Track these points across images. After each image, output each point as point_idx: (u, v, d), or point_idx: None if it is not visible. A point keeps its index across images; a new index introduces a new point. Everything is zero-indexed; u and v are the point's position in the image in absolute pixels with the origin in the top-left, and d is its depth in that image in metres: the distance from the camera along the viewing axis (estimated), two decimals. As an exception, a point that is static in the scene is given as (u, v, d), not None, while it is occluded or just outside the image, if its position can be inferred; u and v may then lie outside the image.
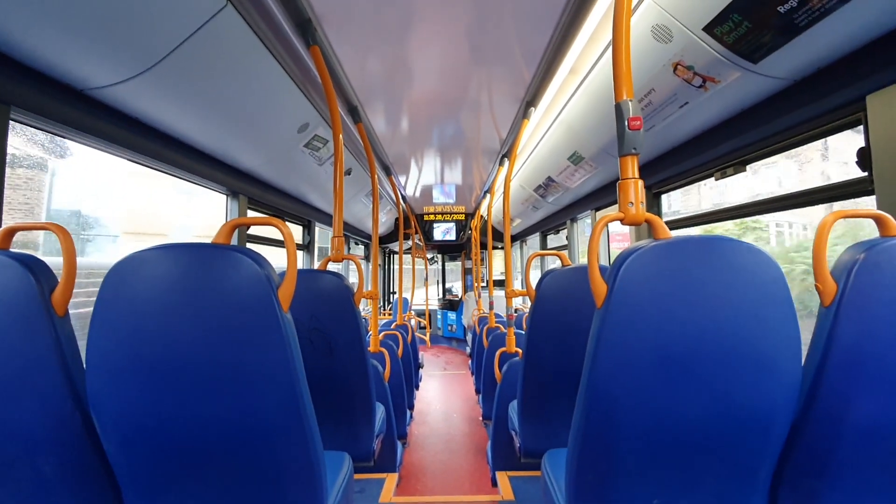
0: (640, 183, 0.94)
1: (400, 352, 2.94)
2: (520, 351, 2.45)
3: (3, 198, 1.18)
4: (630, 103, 0.94)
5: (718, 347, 0.79)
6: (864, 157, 1.29)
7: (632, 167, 0.94)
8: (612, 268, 0.82)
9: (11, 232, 0.91)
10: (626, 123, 0.93)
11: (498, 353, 2.68)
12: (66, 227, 0.90)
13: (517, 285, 6.83)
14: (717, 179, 1.97)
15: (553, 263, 5.39)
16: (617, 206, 0.96)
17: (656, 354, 0.80)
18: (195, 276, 0.82)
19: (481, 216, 5.76)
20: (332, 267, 1.77)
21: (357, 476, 2.04)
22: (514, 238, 6.32)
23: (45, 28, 1.10)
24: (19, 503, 0.91)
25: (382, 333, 3.05)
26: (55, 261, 0.90)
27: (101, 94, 1.39)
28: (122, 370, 0.83)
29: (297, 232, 3.72)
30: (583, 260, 3.91)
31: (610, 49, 1.52)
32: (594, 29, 1.72)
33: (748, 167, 1.82)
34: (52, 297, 0.87)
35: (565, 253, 1.92)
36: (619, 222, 0.94)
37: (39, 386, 0.87)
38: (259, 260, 0.84)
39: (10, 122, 1.21)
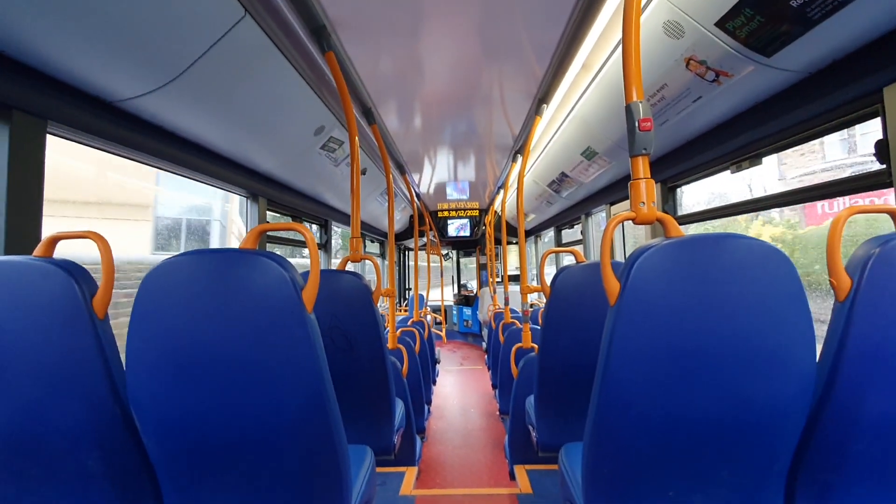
0: (652, 182, 0.95)
1: (417, 348, 2.99)
2: (536, 346, 2.48)
3: (43, 207, 1.25)
4: (640, 104, 0.95)
5: (731, 344, 0.81)
6: (882, 150, 1.27)
7: (643, 167, 0.96)
8: (625, 266, 0.84)
9: (54, 241, 0.97)
10: (637, 124, 0.94)
11: (514, 348, 2.70)
12: (104, 236, 0.96)
13: (532, 281, 6.83)
14: (732, 173, 1.96)
15: (568, 258, 5.38)
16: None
17: (669, 351, 0.81)
18: (225, 280, 0.87)
19: (495, 212, 5.77)
20: (350, 266, 1.82)
21: (378, 469, 2.09)
22: (528, 233, 6.31)
23: (76, 44, 1.16)
24: (66, 494, 0.97)
25: (400, 330, 3.09)
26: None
27: (129, 105, 1.45)
28: (158, 370, 0.88)
29: (314, 231, 3.79)
30: (598, 256, 3.90)
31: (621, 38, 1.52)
32: (606, 24, 1.72)
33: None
34: (93, 302, 0.92)
35: (580, 249, 1.93)
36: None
37: (83, 385, 0.93)
38: (284, 264, 0.88)
39: (47, 134, 1.28)
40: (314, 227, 3.75)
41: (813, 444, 0.89)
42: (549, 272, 6.10)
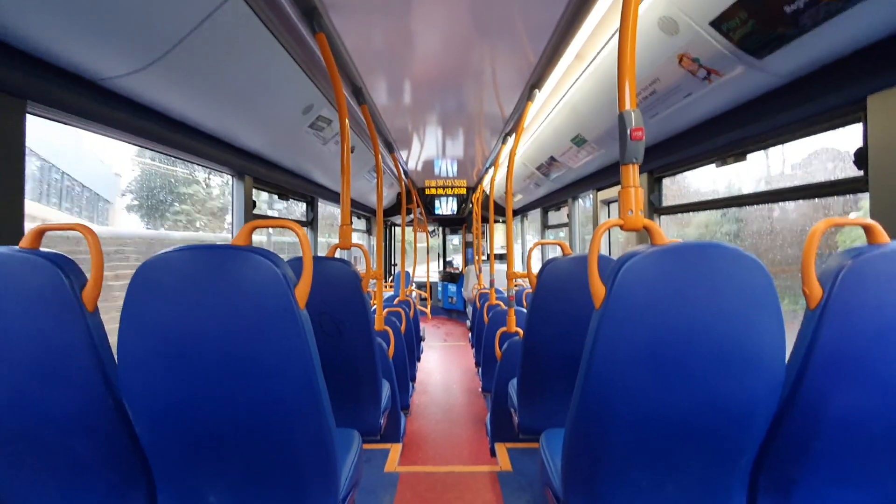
0: (641, 190, 0.98)
1: (403, 328, 3.03)
2: (520, 331, 2.53)
3: (25, 194, 1.21)
4: (633, 113, 0.96)
5: (708, 347, 0.85)
6: (860, 157, 1.32)
7: (633, 176, 0.98)
8: (611, 272, 0.87)
9: (41, 232, 0.95)
10: (629, 134, 0.96)
11: (498, 332, 2.76)
12: (92, 228, 0.95)
13: (517, 260, 6.90)
14: (717, 167, 1.99)
15: (555, 237, 5.44)
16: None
17: (650, 354, 0.86)
18: (217, 277, 0.87)
19: (483, 190, 5.77)
20: (338, 252, 1.82)
21: (364, 446, 2.16)
22: (515, 213, 6.34)
23: (58, 22, 1.11)
24: (60, 481, 1.00)
25: (386, 310, 3.12)
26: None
27: (114, 84, 1.40)
28: (150, 361, 0.90)
29: (300, 209, 3.75)
30: (583, 242, 3.96)
31: (617, 35, 1.52)
32: (602, 15, 1.70)
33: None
34: (82, 294, 0.92)
35: (565, 239, 1.97)
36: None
37: (74, 375, 0.93)
38: (276, 261, 0.89)
39: (27, 115, 1.24)
40: (303, 206, 3.71)
41: (777, 441, 0.96)
42: (535, 256, 6.16)
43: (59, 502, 1.01)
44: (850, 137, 1.41)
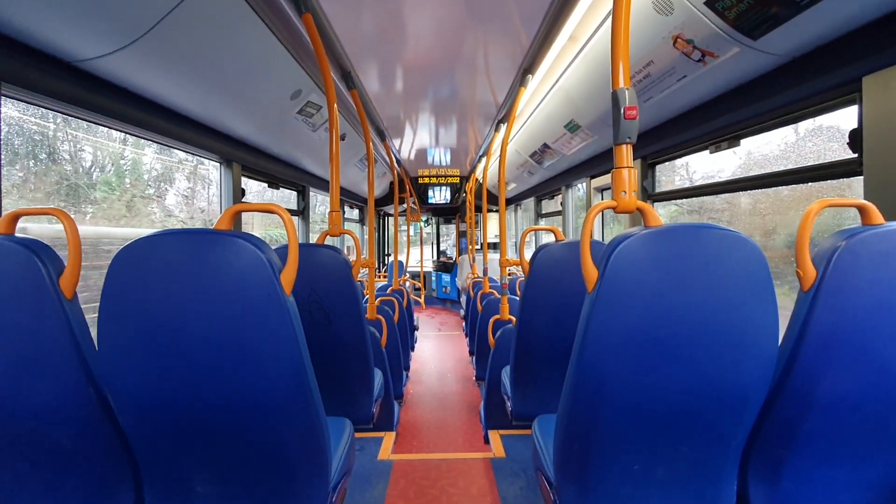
0: (634, 171, 0.96)
1: (396, 317, 3.01)
2: (513, 318, 2.53)
3: (1, 176, 1.18)
4: (627, 91, 0.94)
5: (701, 330, 0.84)
6: (855, 139, 1.30)
7: (626, 155, 0.96)
8: (603, 255, 0.85)
9: (16, 217, 0.92)
10: (623, 112, 0.93)
11: (492, 320, 2.75)
12: (68, 213, 0.92)
13: (510, 249, 6.89)
14: (711, 153, 1.98)
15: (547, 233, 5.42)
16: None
17: (643, 337, 0.84)
18: (199, 262, 0.84)
19: (476, 179, 5.73)
20: (328, 240, 1.79)
21: (357, 435, 2.15)
22: (508, 202, 6.31)
23: (32, 1, 1.07)
24: (44, 474, 0.97)
25: (379, 299, 3.10)
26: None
27: (91, 65, 1.35)
28: (132, 350, 0.87)
29: (291, 198, 3.70)
30: (577, 230, 3.95)
31: (611, 17, 1.49)
32: None
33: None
34: (59, 281, 0.89)
35: (559, 228, 1.95)
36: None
37: (53, 365, 0.91)
38: (261, 246, 0.86)
39: (1, 97, 1.19)
40: (293, 195, 3.66)
41: (768, 423, 0.95)
42: (527, 243, 6.15)
43: (44, 495, 0.99)
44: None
